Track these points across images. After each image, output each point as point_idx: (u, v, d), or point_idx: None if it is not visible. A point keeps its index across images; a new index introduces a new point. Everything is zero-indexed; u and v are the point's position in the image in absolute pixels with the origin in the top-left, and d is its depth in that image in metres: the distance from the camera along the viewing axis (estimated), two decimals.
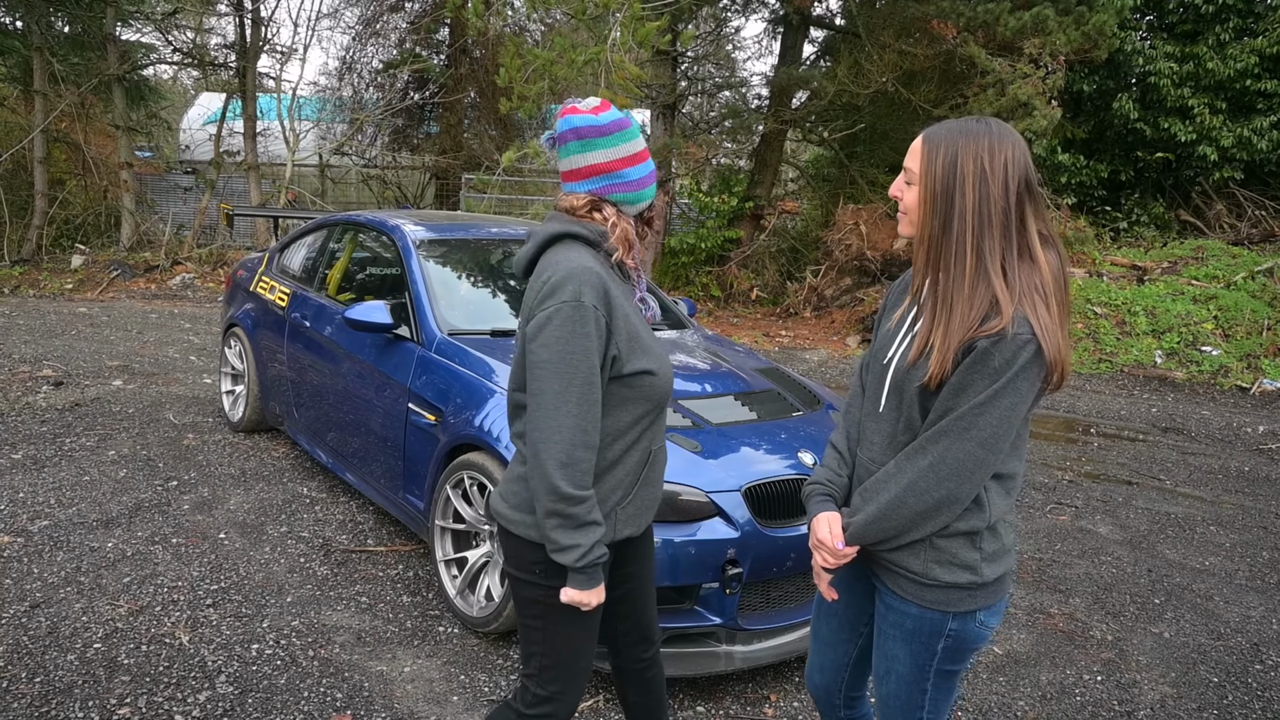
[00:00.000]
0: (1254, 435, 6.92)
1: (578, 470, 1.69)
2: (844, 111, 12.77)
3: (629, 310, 1.81)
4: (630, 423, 1.82)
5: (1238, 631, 3.59)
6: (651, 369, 1.81)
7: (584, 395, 1.68)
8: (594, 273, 1.72)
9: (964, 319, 1.52)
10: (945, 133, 1.58)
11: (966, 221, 1.53)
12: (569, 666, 1.87)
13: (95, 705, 2.60)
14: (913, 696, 1.71)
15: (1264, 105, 11.86)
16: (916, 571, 1.62)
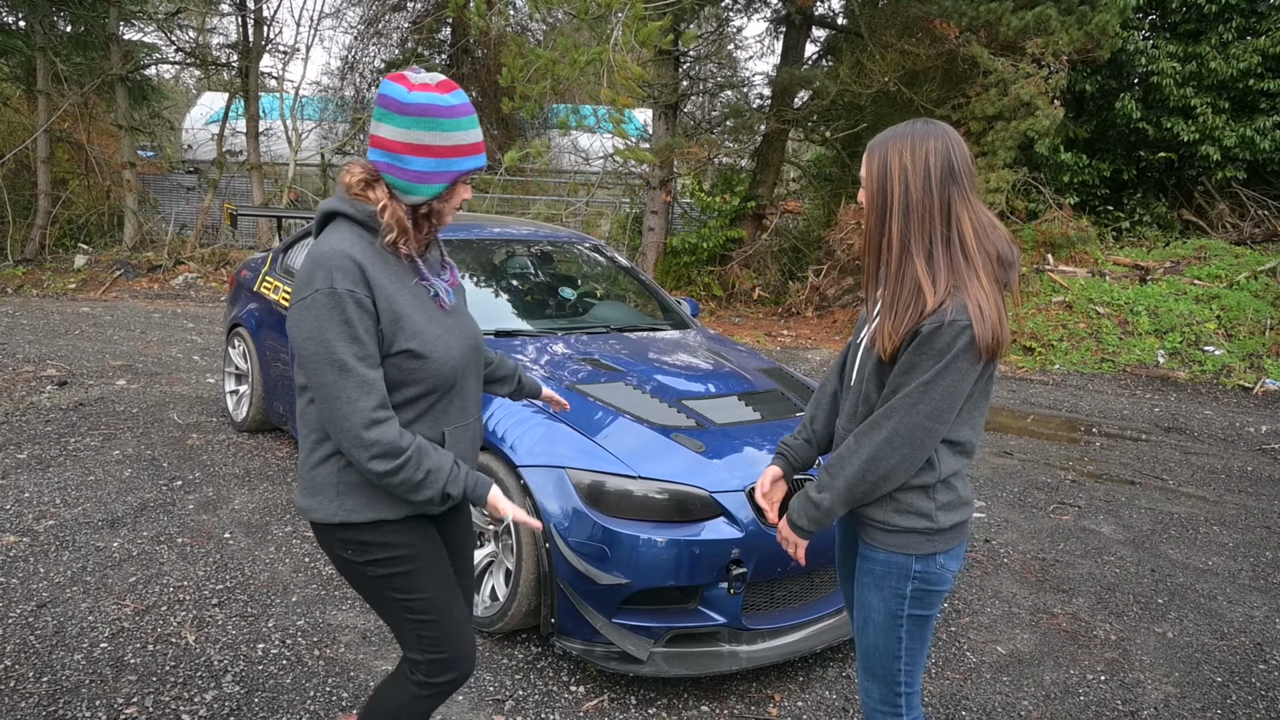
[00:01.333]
0: (1257, 435, 6.92)
1: (382, 447, 1.69)
2: (846, 111, 12.78)
3: (397, 292, 1.75)
4: (404, 402, 1.79)
5: (1241, 631, 3.59)
6: (416, 349, 1.76)
7: (360, 379, 1.67)
8: (345, 256, 1.69)
9: (899, 305, 1.71)
10: (880, 139, 1.77)
11: (895, 217, 1.73)
12: (442, 618, 1.87)
13: (102, 704, 2.61)
14: (889, 644, 1.87)
15: (1267, 105, 11.84)
16: (879, 520, 1.83)
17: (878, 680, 1.91)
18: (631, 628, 2.83)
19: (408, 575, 1.84)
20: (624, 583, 2.78)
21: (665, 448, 2.99)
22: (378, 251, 1.77)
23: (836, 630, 3.07)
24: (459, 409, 1.91)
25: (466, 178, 1.80)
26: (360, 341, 1.68)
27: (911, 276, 1.71)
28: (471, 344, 1.92)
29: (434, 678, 1.90)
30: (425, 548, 1.87)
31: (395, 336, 1.74)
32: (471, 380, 1.95)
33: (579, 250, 5.11)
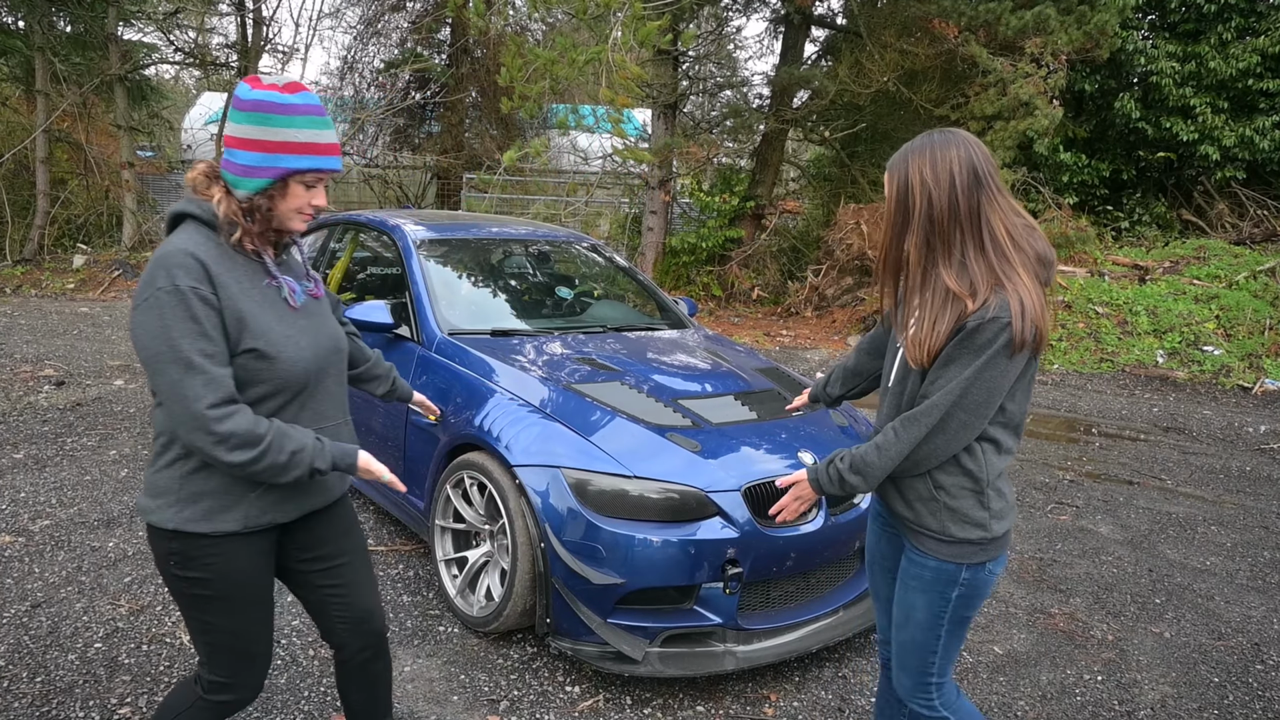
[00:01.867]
0: (1255, 435, 6.91)
1: (239, 438, 1.68)
2: (845, 111, 12.77)
3: (244, 291, 1.75)
4: (252, 403, 1.77)
5: (1239, 631, 3.58)
6: (262, 349, 1.75)
7: (206, 376, 1.66)
8: (187, 254, 1.68)
9: (932, 315, 1.73)
10: (899, 156, 1.79)
11: (915, 231, 1.74)
12: (234, 650, 1.89)
13: (96, 705, 2.60)
14: (927, 641, 1.92)
15: (1266, 105, 11.84)
16: (935, 530, 1.84)
17: (910, 672, 1.97)
18: (627, 628, 2.82)
19: (219, 603, 1.83)
20: (619, 582, 2.78)
21: (661, 447, 2.98)
22: (226, 251, 1.77)
23: (833, 630, 3.06)
24: (314, 413, 1.89)
25: (306, 179, 1.77)
26: (208, 338, 1.67)
27: (941, 288, 1.72)
28: (329, 347, 1.91)
29: (211, 695, 1.92)
30: (247, 574, 1.84)
31: (241, 335, 1.73)
32: (330, 384, 1.93)
33: (576, 250, 5.11)
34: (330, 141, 1.78)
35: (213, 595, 1.82)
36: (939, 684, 1.97)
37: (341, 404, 2.00)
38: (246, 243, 1.78)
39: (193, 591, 1.82)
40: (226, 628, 1.85)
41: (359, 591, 2.09)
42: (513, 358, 3.53)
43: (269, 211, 1.78)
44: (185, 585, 1.82)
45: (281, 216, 1.80)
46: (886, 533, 2.09)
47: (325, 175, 1.80)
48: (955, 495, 1.81)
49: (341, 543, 2.06)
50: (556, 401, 3.20)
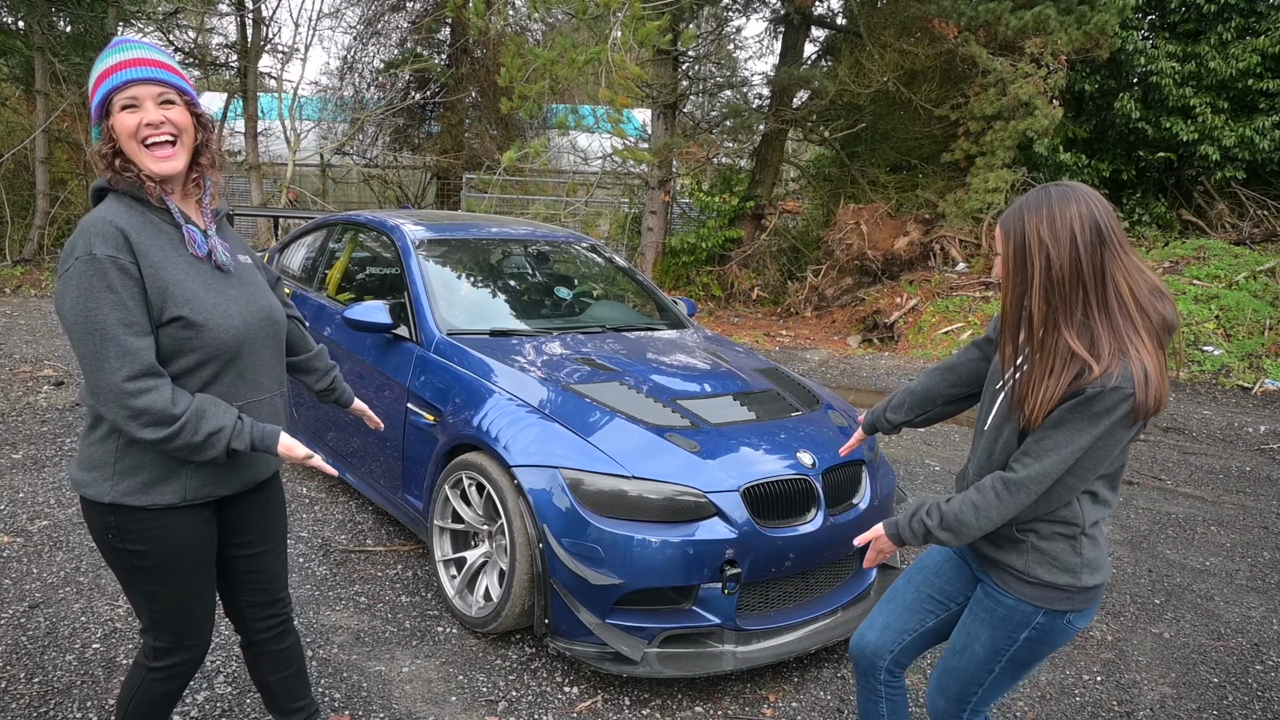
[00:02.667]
0: (1255, 435, 6.91)
1: (152, 415, 1.66)
2: (845, 111, 12.78)
3: (168, 259, 1.73)
4: (182, 373, 1.75)
5: (1238, 632, 3.58)
6: (188, 317, 1.72)
7: (121, 348, 1.64)
8: (107, 222, 1.67)
9: (1050, 375, 1.65)
10: (1014, 213, 1.71)
11: (1036, 293, 1.66)
12: (179, 615, 1.90)
13: (94, 705, 2.60)
14: (978, 674, 1.88)
15: (1266, 105, 11.82)
16: (1019, 569, 1.78)
17: (948, 697, 1.93)
18: (625, 628, 2.82)
19: (161, 571, 1.84)
20: (618, 583, 2.77)
21: (660, 448, 2.98)
22: (150, 220, 1.76)
23: (832, 631, 3.06)
24: (250, 384, 1.87)
25: (120, 101, 1.71)
26: (125, 307, 1.65)
27: (1063, 348, 1.64)
28: (261, 315, 1.88)
29: (160, 661, 1.93)
30: (189, 544, 1.85)
31: (165, 304, 1.71)
32: (265, 354, 1.91)
33: (576, 250, 5.10)
34: (132, 57, 1.71)
35: (154, 566, 1.82)
36: (973, 713, 1.93)
37: (279, 376, 1.98)
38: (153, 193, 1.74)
39: (134, 564, 1.82)
40: (170, 595, 1.86)
41: (272, 579, 2.11)
42: (512, 358, 3.53)
43: (116, 154, 1.72)
44: (125, 558, 1.82)
45: (129, 154, 1.73)
46: (955, 558, 2.01)
47: (138, 91, 1.70)
48: (1046, 537, 1.76)
49: (267, 529, 2.08)
50: (555, 402, 3.19)
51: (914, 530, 1.83)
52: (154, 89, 1.72)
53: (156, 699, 1.98)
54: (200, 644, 1.97)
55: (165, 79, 1.73)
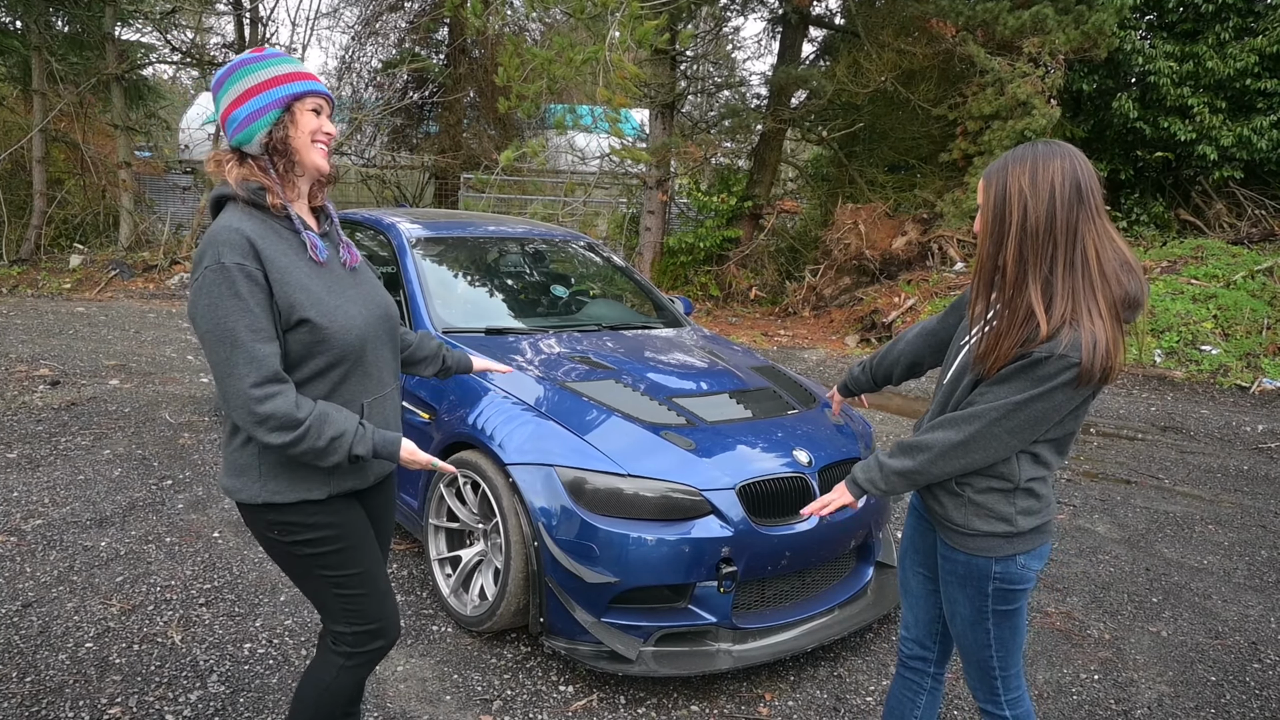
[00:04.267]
0: (1253, 434, 6.90)
1: (277, 420, 1.69)
2: (843, 110, 12.77)
3: (292, 264, 1.77)
4: (312, 376, 1.80)
5: (1236, 630, 3.57)
6: (314, 320, 1.76)
7: (249, 354, 1.67)
8: (233, 230, 1.70)
9: (1012, 329, 1.68)
10: (998, 165, 1.73)
11: (1011, 243, 1.68)
12: (369, 593, 1.91)
13: (86, 705, 2.59)
14: (978, 636, 1.91)
15: (1264, 104, 11.82)
16: (959, 524, 1.86)
17: (974, 666, 1.97)
18: (621, 627, 2.80)
19: (336, 553, 1.87)
20: (613, 581, 2.76)
21: (655, 445, 2.97)
22: (271, 227, 1.79)
23: (828, 629, 3.05)
24: (375, 381, 1.91)
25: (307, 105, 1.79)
26: (252, 314, 1.69)
27: (1025, 304, 1.66)
28: (379, 313, 1.92)
29: (361, 647, 1.93)
30: (350, 524, 1.90)
31: (291, 309, 1.74)
32: (384, 351, 1.95)
33: (573, 248, 5.09)
34: (305, 71, 1.82)
35: (327, 552, 1.86)
36: (1004, 678, 1.94)
37: (395, 371, 2.02)
38: (274, 199, 1.78)
39: (307, 551, 1.86)
40: (354, 572, 1.89)
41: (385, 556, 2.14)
42: (507, 356, 3.51)
43: (287, 146, 1.78)
44: (295, 549, 1.86)
45: (300, 149, 1.79)
46: (922, 525, 2.09)
47: (324, 101, 1.82)
48: (981, 491, 1.81)
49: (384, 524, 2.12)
50: (551, 400, 3.18)
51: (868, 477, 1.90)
52: (326, 103, 1.84)
53: (347, 689, 1.98)
54: (395, 621, 1.98)
55: (330, 97, 1.86)
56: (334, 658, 1.95)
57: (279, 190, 1.80)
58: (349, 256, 1.93)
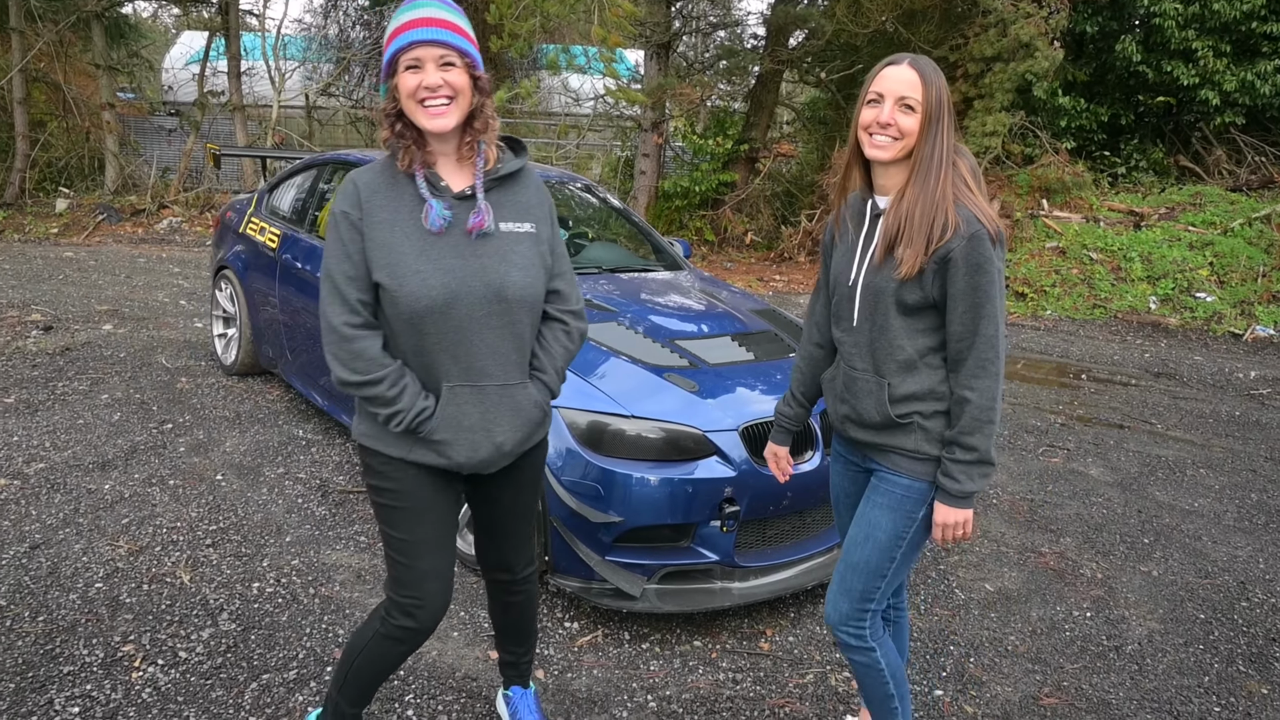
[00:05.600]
0: (1245, 380, 6.96)
1: (347, 354, 1.76)
2: (842, 52, 12.54)
3: (389, 218, 1.75)
4: (394, 339, 1.81)
5: (1225, 570, 3.64)
6: (383, 283, 1.74)
7: (335, 292, 1.76)
8: (350, 181, 1.79)
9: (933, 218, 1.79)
10: (927, 66, 1.84)
11: (944, 141, 1.82)
12: (404, 561, 1.88)
13: (99, 642, 2.62)
14: (881, 563, 1.96)
15: (1269, 48, 11.65)
16: (910, 449, 1.90)
17: (851, 597, 1.99)
18: (625, 565, 2.84)
19: (391, 510, 1.89)
20: (618, 521, 2.79)
21: (659, 387, 2.98)
22: (397, 181, 1.79)
23: (827, 568, 3.10)
24: (464, 367, 1.80)
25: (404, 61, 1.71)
26: (350, 260, 1.76)
27: (945, 195, 1.79)
28: (480, 292, 1.77)
29: (392, 617, 1.92)
30: (414, 492, 1.87)
31: (372, 264, 1.76)
32: (488, 334, 1.80)
33: (570, 190, 5.03)
34: (423, 15, 1.70)
35: (386, 502, 1.89)
36: (874, 612, 2.00)
37: (509, 362, 1.84)
38: (403, 162, 1.78)
39: (375, 499, 1.92)
40: (400, 537, 1.89)
41: (504, 542, 2.13)
42: None
43: (399, 115, 1.76)
44: (371, 492, 1.93)
45: (408, 112, 1.74)
46: (850, 471, 2.13)
47: (421, 52, 1.69)
48: (928, 416, 1.88)
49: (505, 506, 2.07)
50: None
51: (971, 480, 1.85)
52: (436, 50, 1.71)
53: (381, 657, 1.96)
54: (426, 604, 1.90)
55: (448, 40, 1.71)
56: (375, 619, 1.96)
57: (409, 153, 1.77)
58: (474, 220, 1.77)
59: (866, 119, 1.84)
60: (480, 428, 1.83)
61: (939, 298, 1.82)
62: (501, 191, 1.86)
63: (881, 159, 1.84)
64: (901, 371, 1.88)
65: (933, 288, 1.81)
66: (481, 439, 1.84)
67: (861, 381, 1.94)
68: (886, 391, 1.89)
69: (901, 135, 1.81)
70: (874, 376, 1.92)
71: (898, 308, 1.86)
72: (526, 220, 1.87)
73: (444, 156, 1.82)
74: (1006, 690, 2.74)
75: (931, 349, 1.88)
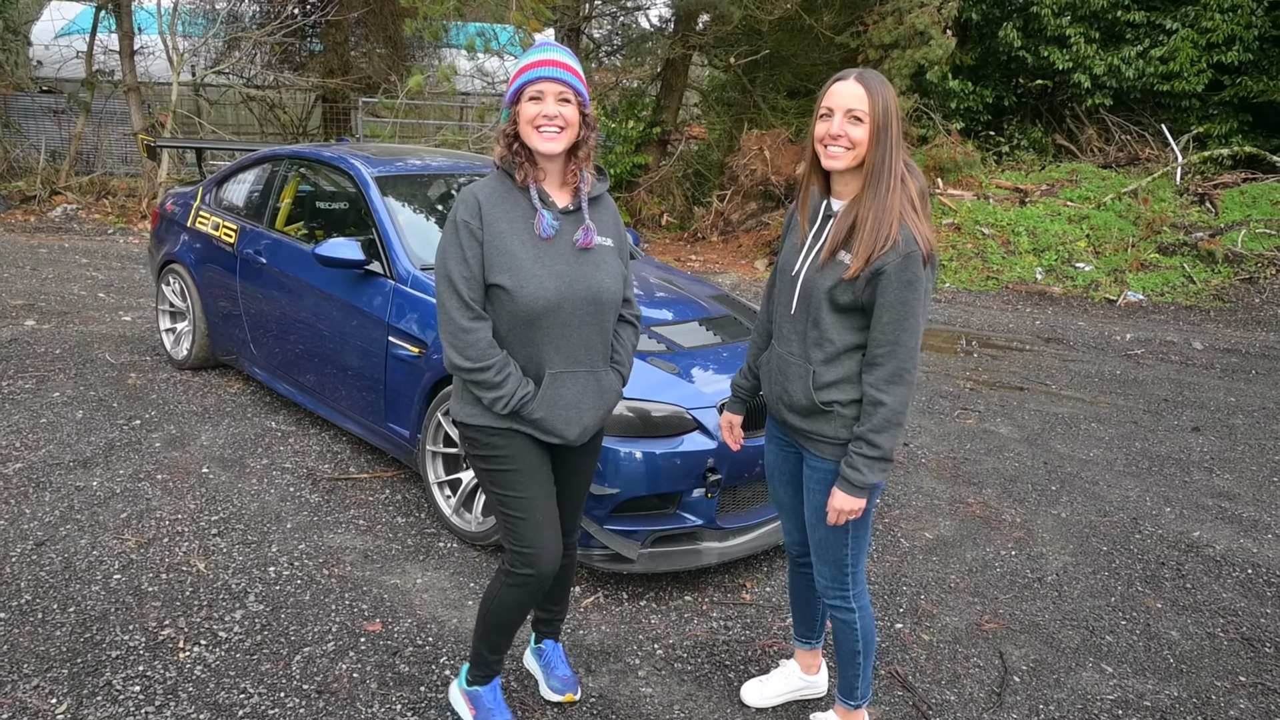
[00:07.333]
0: (1122, 343, 7.77)
1: (463, 344, 2.05)
2: (747, 36, 12.97)
3: (510, 228, 2.07)
4: (503, 332, 2.11)
5: (1119, 509, 4.23)
6: (504, 285, 2.05)
7: (451, 289, 2.05)
8: (471, 193, 2.08)
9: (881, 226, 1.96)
10: (875, 80, 2.01)
11: (894, 152, 1.99)
12: (522, 519, 2.16)
13: (136, 628, 2.76)
14: (839, 535, 2.21)
15: (1132, 35, 12.72)
16: (831, 435, 2.13)
17: (829, 564, 2.28)
18: (621, 532, 3.15)
19: (502, 474, 2.16)
20: (614, 493, 3.09)
21: (644, 371, 3.28)
22: (511, 196, 2.10)
23: None
24: (565, 356, 2.13)
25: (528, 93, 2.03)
26: (466, 263, 2.06)
27: (895, 205, 1.97)
28: (583, 294, 2.10)
29: (515, 568, 2.20)
30: (521, 456, 2.16)
31: (492, 268, 2.06)
32: (585, 330, 2.13)
33: None
34: (548, 58, 2.04)
35: (496, 468, 2.16)
36: (854, 575, 2.28)
37: (598, 352, 2.19)
38: (519, 176, 2.09)
39: (485, 468, 2.18)
40: (515, 495, 2.16)
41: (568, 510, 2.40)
42: None
43: (515, 134, 2.08)
44: (479, 464, 2.20)
45: (524, 135, 2.06)
46: (784, 450, 2.35)
47: (545, 86, 2.02)
48: (846, 405, 2.09)
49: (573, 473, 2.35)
50: None
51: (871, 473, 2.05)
52: (557, 87, 2.04)
53: (509, 605, 2.23)
54: (548, 555, 2.17)
55: (567, 79, 2.05)
56: (500, 574, 2.24)
57: (524, 169, 2.09)
58: (584, 238, 2.11)
59: (820, 133, 2.03)
60: (573, 405, 2.16)
61: (868, 303, 2.01)
62: (592, 209, 2.19)
63: (836, 168, 2.03)
64: (827, 361, 2.09)
65: (864, 294, 2.00)
66: (573, 416, 2.16)
67: (793, 365, 2.16)
68: (812, 378, 2.10)
69: (853, 145, 1.99)
70: (803, 362, 2.13)
71: (830, 305, 2.05)
72: (609, 235, 2.22)
73: (551, 176, 2.14)
74: (954, 620, 3.19)
75: (856, 346, 2.08)
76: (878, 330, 2.00)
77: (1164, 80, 12.56)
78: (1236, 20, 12.14)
